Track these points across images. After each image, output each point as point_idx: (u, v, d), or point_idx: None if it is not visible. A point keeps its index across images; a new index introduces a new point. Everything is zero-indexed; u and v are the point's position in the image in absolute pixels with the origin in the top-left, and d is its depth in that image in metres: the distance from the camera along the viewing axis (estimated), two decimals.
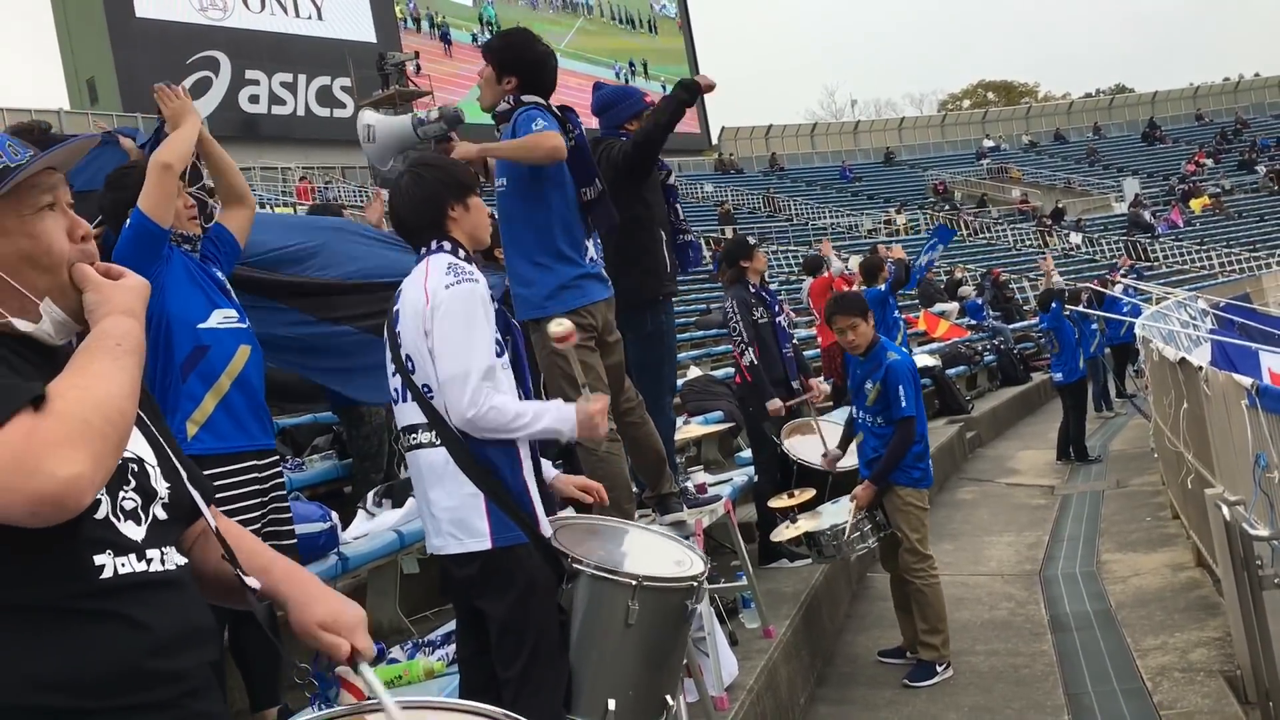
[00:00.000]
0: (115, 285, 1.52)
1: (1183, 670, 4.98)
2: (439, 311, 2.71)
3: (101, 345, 1.43)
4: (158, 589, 1.47)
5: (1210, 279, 31.65)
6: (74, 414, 1.31)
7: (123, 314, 1.48)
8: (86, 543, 1.40)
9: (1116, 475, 10.53)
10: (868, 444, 5.46)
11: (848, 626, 6.31)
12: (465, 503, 2.71)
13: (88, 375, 1.38)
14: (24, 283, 1.46)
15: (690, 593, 2.84)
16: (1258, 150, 49.13)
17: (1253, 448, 3.85)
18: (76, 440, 1.29)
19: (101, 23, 33.56)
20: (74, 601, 1.37)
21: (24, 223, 1.46)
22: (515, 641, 2.70)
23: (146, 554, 1.47)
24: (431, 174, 2.94)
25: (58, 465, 1.26)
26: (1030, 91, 76.46)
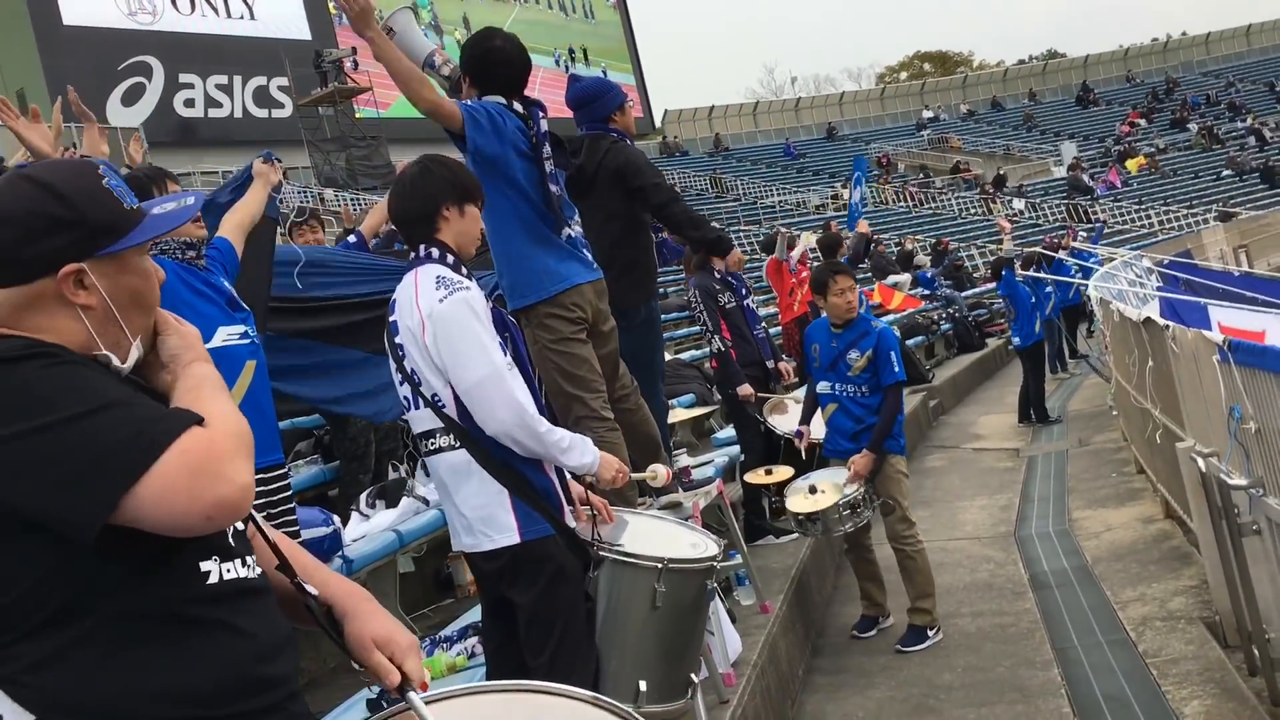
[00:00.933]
0: (190, 332, 1.63)
1: (1163, 619, 5.16)
2: (438, 329, 2.74)
3: (212, 385, 1.55)
4: (253, 595, 1.54)
5: (1151, 237, 32.27)
6: (235, 432, 1.45)
7: (205, 361, 1.59)
8: (195, 549, 1.47)
9: (1078, 434, 10.79)
10: (845, 416, 5.43)
11: (835, 598, 6.44)
12: (491, 500, 2.78)
13: (222, 404, 1.50)
14: (128, 320, 1.54)
15: (710, 573, 2.96)
16: (1189, 108, 50.11)
17: (1225, 401, 4.00)
18: (244, 455, 1.43)
19: (28, 32, 32.78)
20: (185, 608, 1.44)
21: (141, 263, 1.56)
22: (543, 630, 2.77)
23: (246, 560, 1.55)
24: (439, 171, 2.95)
25: (236, 473, 1.39)
26: (965, 61, 77.33)
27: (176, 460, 1.35)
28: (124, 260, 1.52)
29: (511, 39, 4.15)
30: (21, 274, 1.47)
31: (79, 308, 1.49)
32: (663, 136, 50.53)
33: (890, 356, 5.34)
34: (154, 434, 1.36)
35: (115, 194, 1.52)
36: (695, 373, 10.17)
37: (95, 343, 1.50)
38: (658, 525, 3.28)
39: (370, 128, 35.75)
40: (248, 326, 3.47)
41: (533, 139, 3.93)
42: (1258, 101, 50.18)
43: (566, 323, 4.02)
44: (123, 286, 1.52)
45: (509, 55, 4.05)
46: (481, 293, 2.85)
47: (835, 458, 5.48)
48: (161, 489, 1.34)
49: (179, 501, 1.34)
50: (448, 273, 2.82)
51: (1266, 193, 38.60)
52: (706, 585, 2.99)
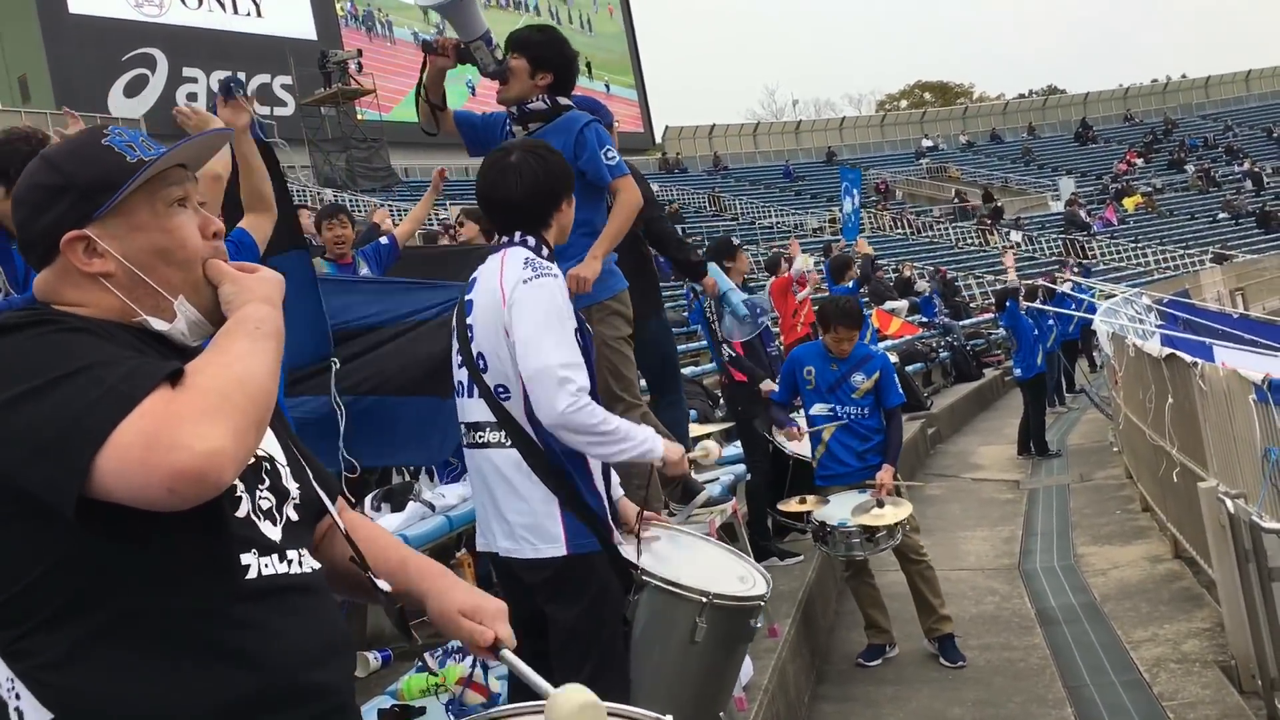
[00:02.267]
0: (252, 277, 1.48)
1: (1178, 661, 5.06)
2: (517, 308, 2.63)
3: (241, 328, 1.39)
4: (300, 594, 1.43)
5: (1147, 276, 32.37)
6: (213, 388, 1.26)
7: (262, 301, 1.44)
8: (234, 540, 1.35)
9: (1079, 469, 10.72)
10: (852, 437, 5.43)
11: (839, 624, 6.34)
12: (540, 509, 2.66)
13: (227, 354, 1.34)
14: (158, 279, 1.42)
15: (755, 612, 2.80)
16: (1186, 150, 50.38)
17: (1261, 442, 3.92)
18: (215, 414, 1.23)
19: (33, 19, 32.67)
20: (221, 606, 1.32)
21: (159, 217, 1.43)
22: (581, 650, 2.66)
23: (287, 555, 1.43)
24: (555, 161, 2.85)
25: (195, 439, 1.19)
26: (966, 92, 77.67)
27: (134, 426, 1.19)
28: (131, 216, 1.41)
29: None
30: (41, 252, 1.41)
31: (99, 275, 1.39)
32: (663, 153, 50.59)
33: (893, 379, 5.51)
34: (116, 396, 1.22)
35: (116, 149, 1.41)
36: (697, 389, 10.06)
37: (131, 309, 1.41)
38: (707, 551, 3.13)
39: (372, 130, 35.74)
40: None
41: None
42: (1255, 146, 50.47)
43: (625, 322, 4.02)
44: (139, 245, 1.41)
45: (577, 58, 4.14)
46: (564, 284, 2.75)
47: (838, 483, 5.42)
48: (119, 460, 1.18)
49: (135, 474, 1.18)
50: (536, 257, 2.74)
51: (1262, 237, 38.78)
52: (750, 624, 2.83)
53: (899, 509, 5.07)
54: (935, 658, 5.41)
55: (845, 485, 5.35)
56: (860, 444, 5.39)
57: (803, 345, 5.99)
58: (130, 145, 1.42)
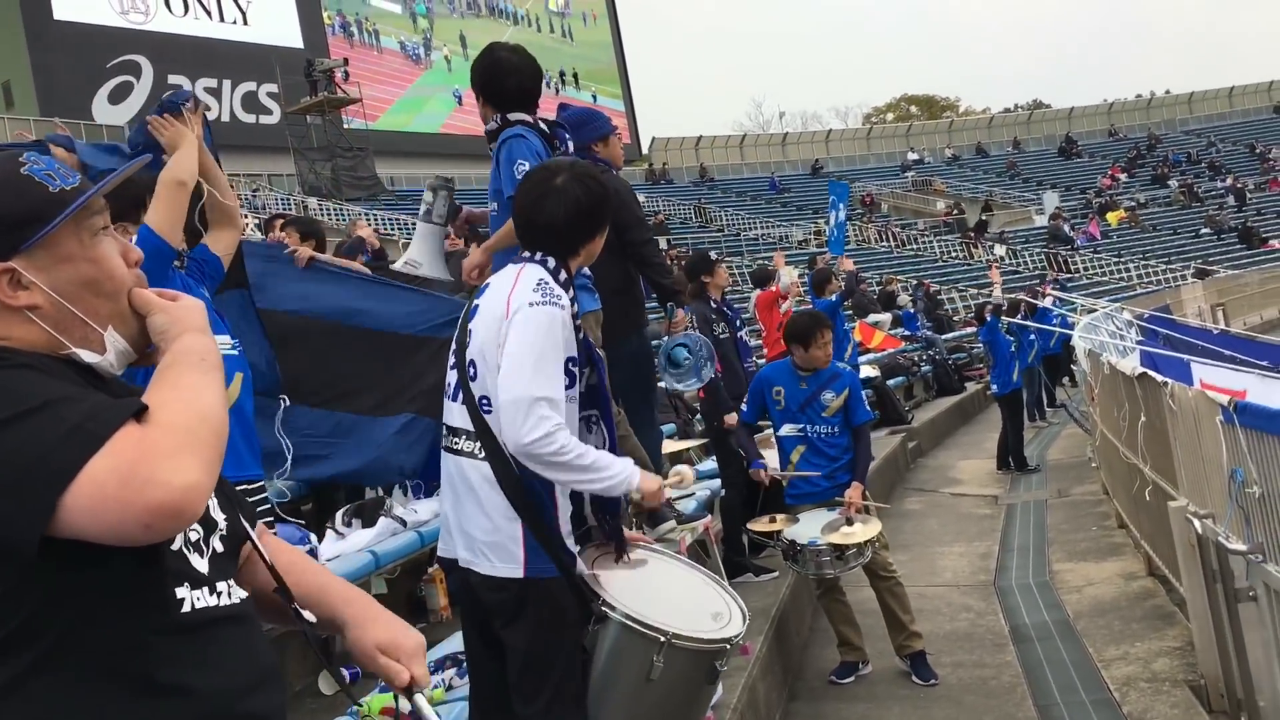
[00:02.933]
0: (181, 306, 1.47)
1: (1148, 680, 5.07)
2: (514, 328, 2.62)
3: (187, 360, 1.39)
4: (231, 625, 1.42)
5: (1129, 290, 32.53)
6: (180, 424, 1.27)
7: (198, 331, 1.44)
8: (168, 573, 1.35)
9: (1057, 484, 10.75)
10: (819, 456, 5.41)
11: (813, 640, 6.32)
12: (502, 526, 2.64)
13: (183, 389, 1.34)
14: (87, 311, 1.40)
15: (720, 655, 2.69)
16: (1169, 165, 50.73)
17: (1228, 463, 3.94)
18: (187, 449, 1.24)
19: (18, 25, 32.60)
20: (153, 640, 1.31)
21: (85, 248, 1.41)
22: (538, 678, 2.63)
23: (217, 586, 1.42)
24: (599, 190, 2.82)
25: (173, 474, 1.21)
26: (951, 106, 78.16)
27: (106, 464, 1.19)
28: (57, 248, 1.38)
29: (517, 49, 4.11)
30: None
31: (25, 309, 1.36)
32: (649, 164, 50.69)
33: (861, 396, 5.50)
34: (83, 435, 1.21)
35: (37, 179, 1.38)
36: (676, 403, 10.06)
37: (59, 341, 1.39)
38: (688, 581, 3.01)
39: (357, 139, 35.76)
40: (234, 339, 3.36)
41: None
42: (1238, 162, 50.86)
43: None
44: (67, 277, 1.39)
45: (517, 64, 4.00)
46: (571, 318, 2.71)
47: (807, 502, 5.42)
48: (91, 497, 1.18)
49: (110, 511, 1.19)
50: (553, 282, 2.71)
51: (1244, 252, 39.04)
52: (716, 666, 2.70)
53: (869, 526, 5.07)
54: (908, 675, 5.40)
55: (815, 504, 5.34)
56: (829, 464, 5.37)
57: (770, 365, 5.96)
58: (50, 174, 1.40)
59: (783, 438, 5.51)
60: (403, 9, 45.03)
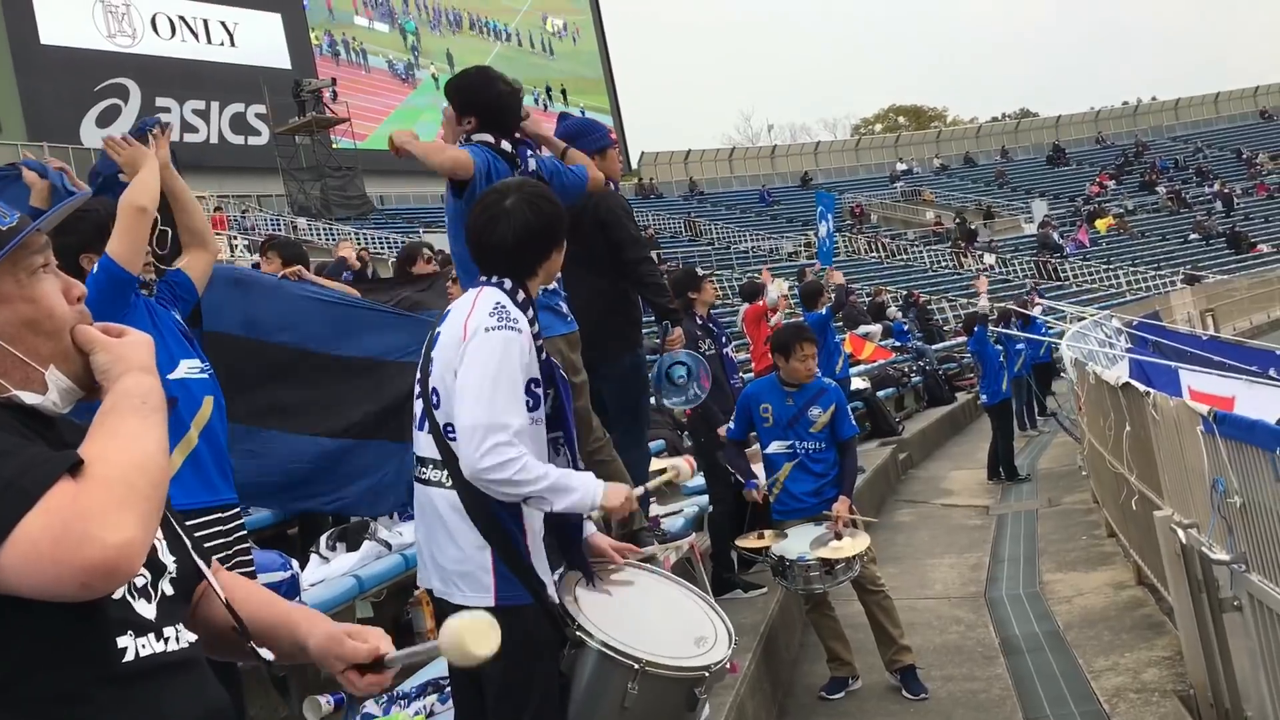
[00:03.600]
0: (125, 343, 1.44)
1: (1137, 691, 5.06)
2: (469, 354, 2.60)
3: (128, 404, 1.36)
4: (176, 671, 1.39)
5: (1119, 297, 32.64)
6: (118, 477, 1.24)
7: (140, 371, 1.41)
8: (109, 623, 1.32)
9: (1048, 494, 10.75)
10: (805, 473, 5.41)
11: (803, 656, 6.30)
12: (472, 556, 2.62)
13: (122, 436, 1.31)
14: (27, 351, 1.38)
15: (699, 682, 2.63)
16: (1157, 171, 50.97)
17: (1208, 473, 3.93)
18: (123, 504, 1.22)
19: (4, 50, 32.62)
20: (96, 690, 1.29)
21: (22, 287, 1.39)
22: (514, 706, 2.61)
23: (163, 632, 1.39)
24: (550, 209, 2.79)
25: (108, 531, 1.19)
26: (939, 116, 78.46)
27: (39, 522, 1.17)
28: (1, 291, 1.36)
29: (512, 82, 4.12)
30: None
31: None
32: (639, 178, 50.80)
33: (847, 411, 5.52)
34: (14, 492, 1.19)
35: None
36: (665, 419, 10.04)
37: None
38: (676, 603, 2.93)
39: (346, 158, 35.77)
40: (205, 362, 3.33)
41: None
42: (1225, 168, 51.11)
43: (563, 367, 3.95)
44: (5, 318, 1.37)
45: (519, 100, 4.05)
46: (529, 341, 2.67)
47: (794, 518, 5.41)
48: (25, 556, 1.16)
49: (45, 570, 1.17)
50: (510, 305, 2.68)
51: (1232, 258, 39.20)
52: (695, 694, 2.63)
53: (857, 541, 5.06)
54: (898, 690, 5.38)
55: (802, 519, 5.33)
56: (815, 480, 5.36)
57: (755, 382, 5.95)
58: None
59: (771, 455, 5.50)
60: (390, 27, 45.13)
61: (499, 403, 2.56)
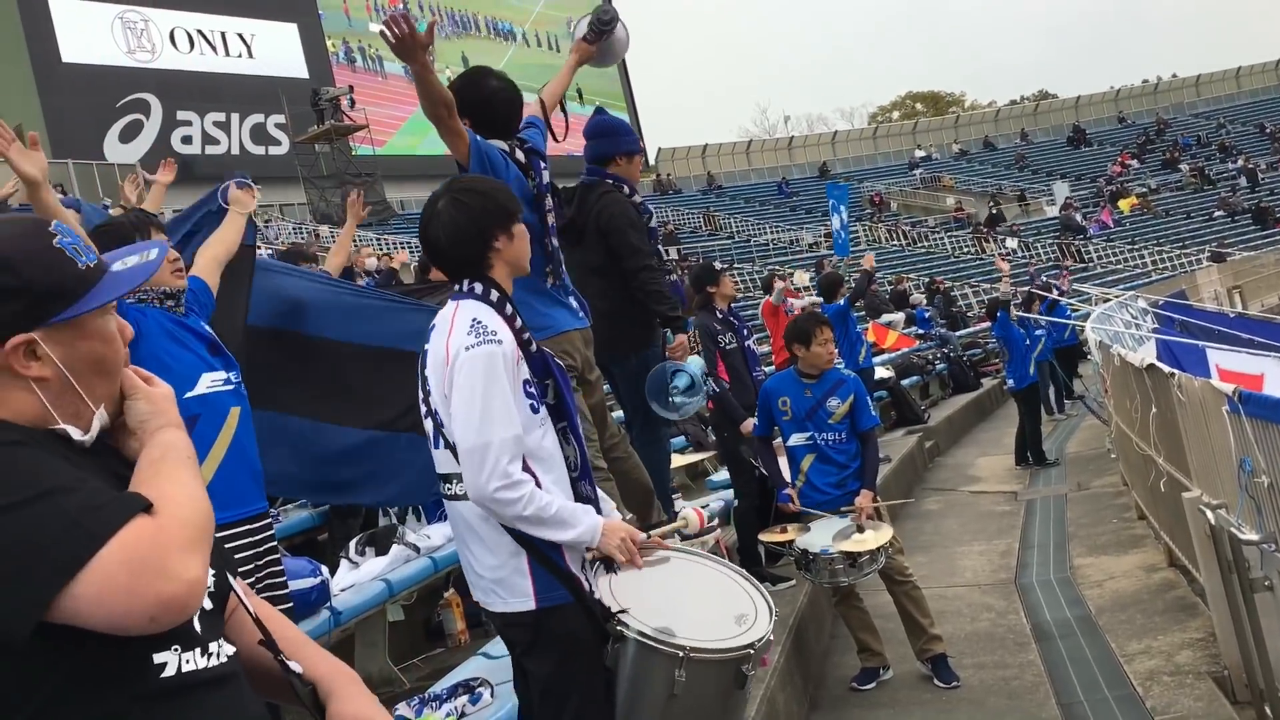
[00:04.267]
0: (160, 394, 1.52)
1: (1171, 674, 5.03)
2: (457, 376, 2.61)
3: (178, 457, 1.44)
4: (215, 686, 1.42)
5: (1144, 277, 32.36)
6: (188, 519, 1.33)
7: (175, 427, 1.49)
8: (149, 641, 1.34)
9: (1077, 478, 10.69)
10: (828, 464, 5.41)
11: (833, 648, 6.30)
12: (507, 562, 2.64)
13: (183, 484, 1.39)
14: (87, 388, 1.43)
15: (746, 660, 2.62)
16: (1179, 149, 50.46)
17: (1235, 453, 3.91)
18: (194, 544, 1.31)
19: (27, 69, 32.94)
20: (132, 708, 1.31)
21: (100, 325, 1.45)
22: (557, 704, 2.64)
23: (209, 648, 1.43)
24: (476, 201, 2.76)
25: (183, 568, 1.27)
26: (957, 101, 77.97)
27: (116, 556, 1.23)
28: (81, 325, 1.41)
29: (504, 77, 4.11)
30: None
31: (31, 380, 1.38)
32: (657, 174, 50.74)
33: (866, 401, 5.49)
34: (92, 525, 1.24)
35: (67, 254, 1.41)
36: None
37: (51, 416, 1.39)
38: (718, 584, 2.93)
39: (366, 165, 35.94)
40: (230, 372, 3.36)
41: (534, 190, 3.90)
42: (1248, 143, 50.55)
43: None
44: (81, 354, 1.41)
45: (510, 96, 4.03)
46: (512, 344, 2.67)
47: (819, 510, 5.40)
48: (100, 588, 1.22)
49: (118, 602, 1.22)
50: (487, 316, 2.67)
51: (1259, 233, 38.77)
52: (743, 671, 2.62)
53: (880, 533, 5.06)
54: (929, 679, 5.38)
55: (826, 511, 5.33)
56: (838, 471, 5.37)
57: (774, 377, 5.93)
58: (77, 249, 1.43)
59: (792, 447, 5.51)
60: None
61: (493, 419, 2.56)
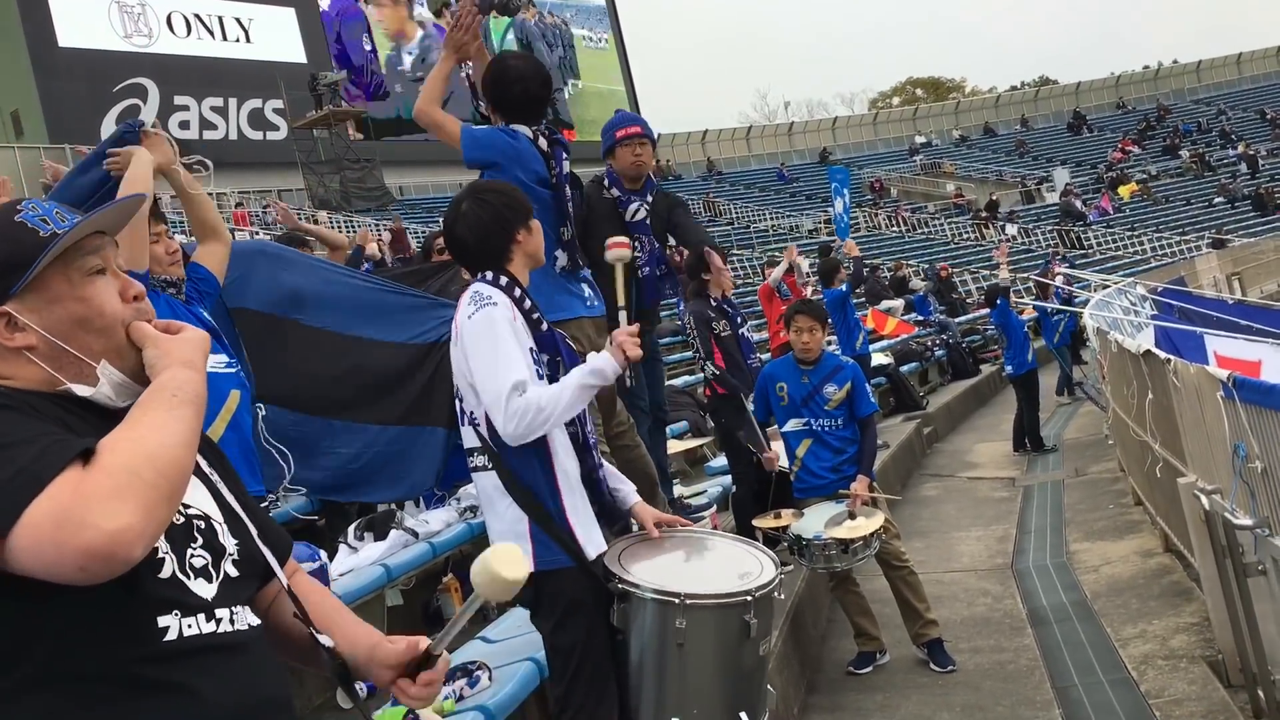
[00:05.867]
0: (174, 339, 1.52)
1: (1165, 658, 5.07)
2: (464, 344, 2.80)
3: (157, 397, 1.42)
4: (225, 653, 1.44)
5: (1144, 264, 32.32)
6: (122, 466, 1.29)
7: (181, 365, 1.48)
8: (150, 603, 1.37)
9: (1074, 464, 10.72)
10: (825, 449, 5.45)
11: (831, 632, 6.33)
12: (512, 527, 2.80)
13: (140, 427, 1.37)
14: (79, 347, 1.46)
15: (745, 607, 2.71)
16: (1180, 135, 50.36)
17: (1230, 438, 3.93)
18: (124, 492, 1.26)
19: (24, 53, 32.82)
20: (136, 668, 1.34)
21: (74, 287, 1.47)
22: (562, 662, 2.79)
23: (216, 613, 1.44)
24: (496, 199, 2.97)
25: (104, 518, 1.23)
26: (958, 87, 77.78)
27: (44, 506, 1.23)
28: (48, 290, 1.45)
29: (527, 57, 4.28)
30: None
31: (22, 349, 1.43)
32: (656, 160, 50.63)
33: (865, 388, 5.53)
34: (26, 477, 1.25)
35: (30, 225, 1.44)
36: (688, 399, 10.08)
37: (56, 378, 1.45)
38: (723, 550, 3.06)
39: (364, 150, 35.87)
40: (231, 357, 3.39)
41: (554, 178, 4.00)
42: (1249, 129, 50.43)
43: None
44: (59, 317, 1.45)
45: (523, 72, 4.10)
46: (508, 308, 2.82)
47: (814, 495, 5.43)
48: (30, 538, 1.22)
49: (47, 552, 1.22)
50: (485, 288, 2.86)
51: (1259, 220, 38.72)
52: (745, 620, 2.71)
53: (871, 520, 5.08)
54: (925, 663, 5.41)
55: (821, 497, 5.35)
56: (834, 456, 5.41)
57: (773, 362, 5.99)
58: (44, 219, 1.46)
59: (788, 433, 5.53)
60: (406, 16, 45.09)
61: (503, 366, 2.73)
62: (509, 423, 2.69)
